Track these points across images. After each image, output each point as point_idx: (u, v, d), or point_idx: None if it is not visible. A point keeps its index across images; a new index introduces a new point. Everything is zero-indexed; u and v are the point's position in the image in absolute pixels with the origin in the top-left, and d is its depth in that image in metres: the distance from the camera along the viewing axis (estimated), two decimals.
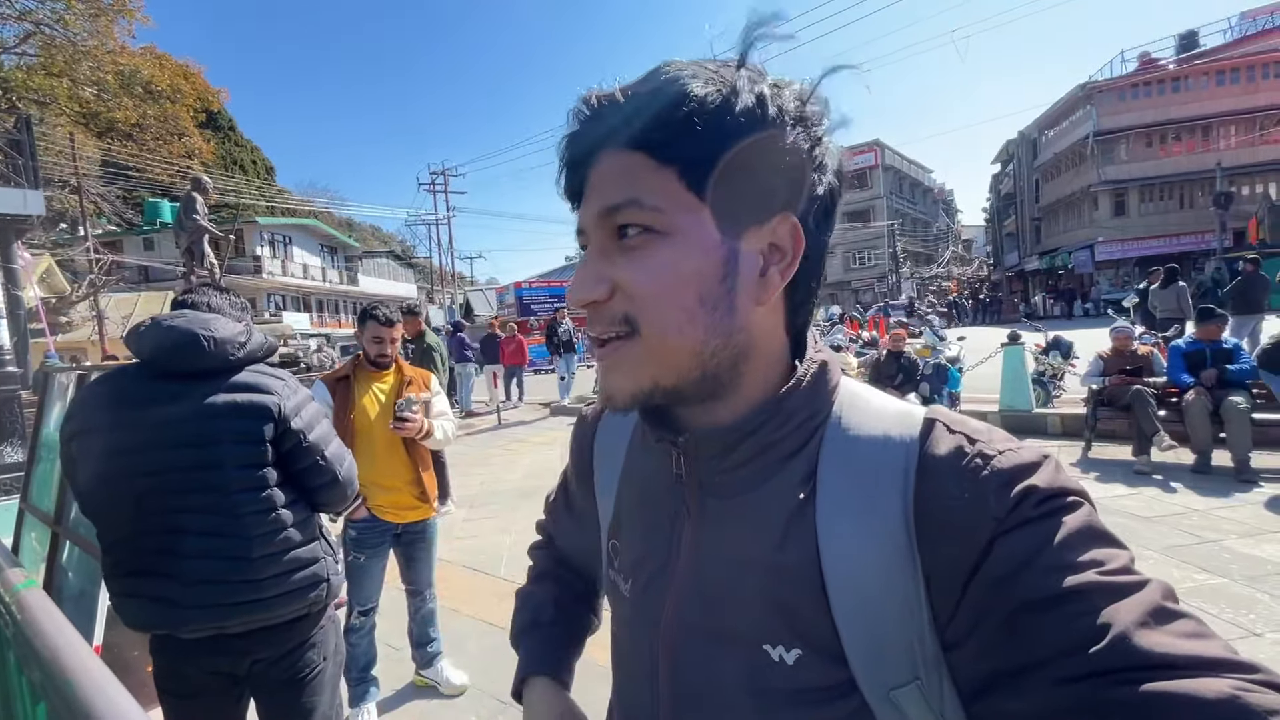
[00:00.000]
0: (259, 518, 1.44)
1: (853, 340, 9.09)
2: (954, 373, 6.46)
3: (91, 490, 1.43)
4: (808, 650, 0.44)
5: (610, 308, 0.46)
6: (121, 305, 19.09)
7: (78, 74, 16.07)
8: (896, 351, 6.46)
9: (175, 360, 1.42)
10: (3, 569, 1.17)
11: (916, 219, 49.88)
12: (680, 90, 0.43)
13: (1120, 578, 0.38)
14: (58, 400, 3.51)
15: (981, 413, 6.74)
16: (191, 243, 9.53)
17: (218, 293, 1.60)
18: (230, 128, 38.44)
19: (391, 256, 45.19)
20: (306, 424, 1.52)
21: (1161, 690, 0.33)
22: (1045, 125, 32.89)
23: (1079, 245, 29.21)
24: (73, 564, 2.90)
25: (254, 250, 28.81)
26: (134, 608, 1.43)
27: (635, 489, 0.59)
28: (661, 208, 0.44)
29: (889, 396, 0.52)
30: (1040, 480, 0.41)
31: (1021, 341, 6.65)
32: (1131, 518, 3.94)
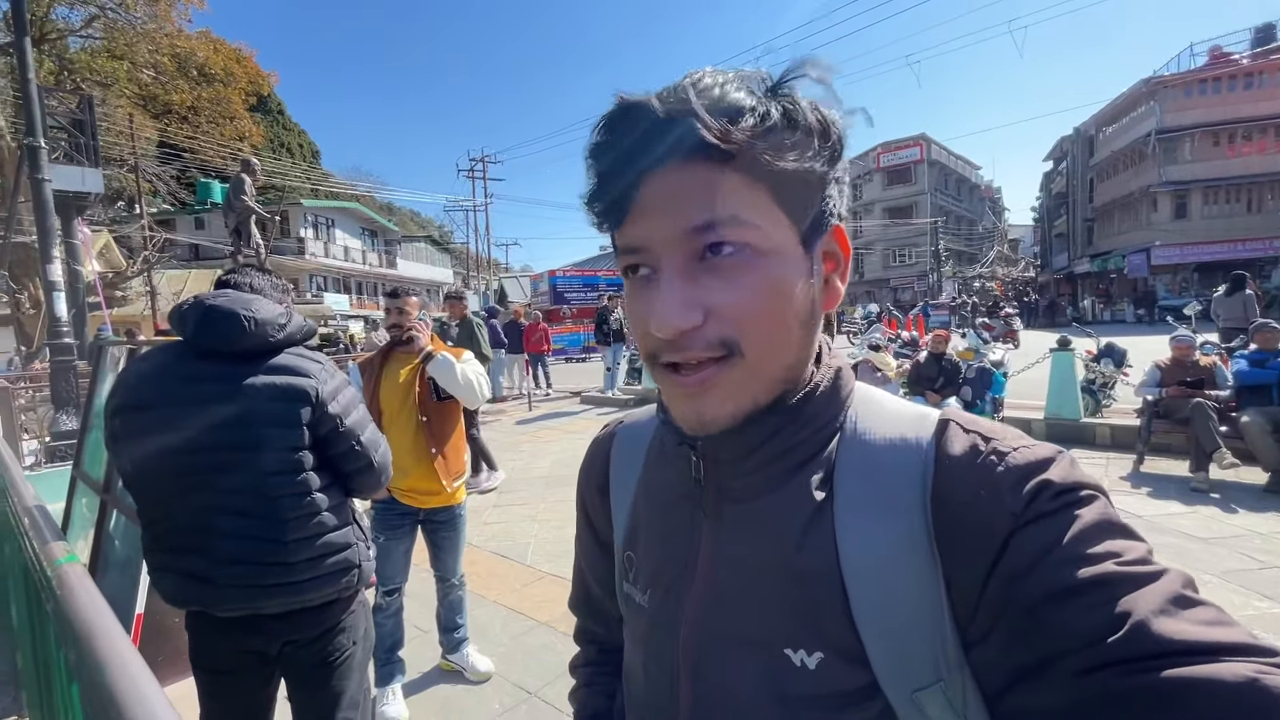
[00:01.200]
0: (294, 501, 1.45)
1: (892, 340, 8.85)
2: (998, 377, 6.23)
3: (132, 466, 1.45)
4: (830, 654, 0.44)
5: (704, 332, 0.43)
6: (173, 281, 19.84)
7: (137, 56, 16.62)
8: (938, 353, 6.26)
9: (216, 339, 1.42)
10: (47, 541, 1.18)
11: (961, 216, 48.44)
12: (753, 106, 0.42)
13: (1138, 568, 0.37)
14: (109, 372, 3.63)
15: (1026, 420, 6.51)
16: (239, 223, 9.80)
17: (260, 274, 1.61)
18: (279, 111, 39.42)
19: (429, 241, 45.87)
20: (343, 408, 1.52)
21: (1182, 676, 0.33)
22: (1104, 121, 31.46)
23: (1134, 248, 27.95)
24: (119, 531, 3.00)
25: (298, 232, 29.56)
26: (170, 583, 1.45)
27: (652, 498, 0.59)
28: (760, 225, 0.43)
29: (903, 400, 0.53)
30: (1055, 475, 0.41)
31: (1072, 347, 6.38)
32: (1187, 538, 3.74)
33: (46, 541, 1.18)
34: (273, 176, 29.37)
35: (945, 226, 41.64)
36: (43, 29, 14.35)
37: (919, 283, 41.75)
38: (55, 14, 15.05)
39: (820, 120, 0.44)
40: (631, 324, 0.48)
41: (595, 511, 0.67)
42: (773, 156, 0.42)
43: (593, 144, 0.45)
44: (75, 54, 16.91)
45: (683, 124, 0.41)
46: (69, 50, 16.66)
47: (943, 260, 38.74)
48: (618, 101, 0.44)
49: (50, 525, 1.30)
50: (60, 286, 6.17)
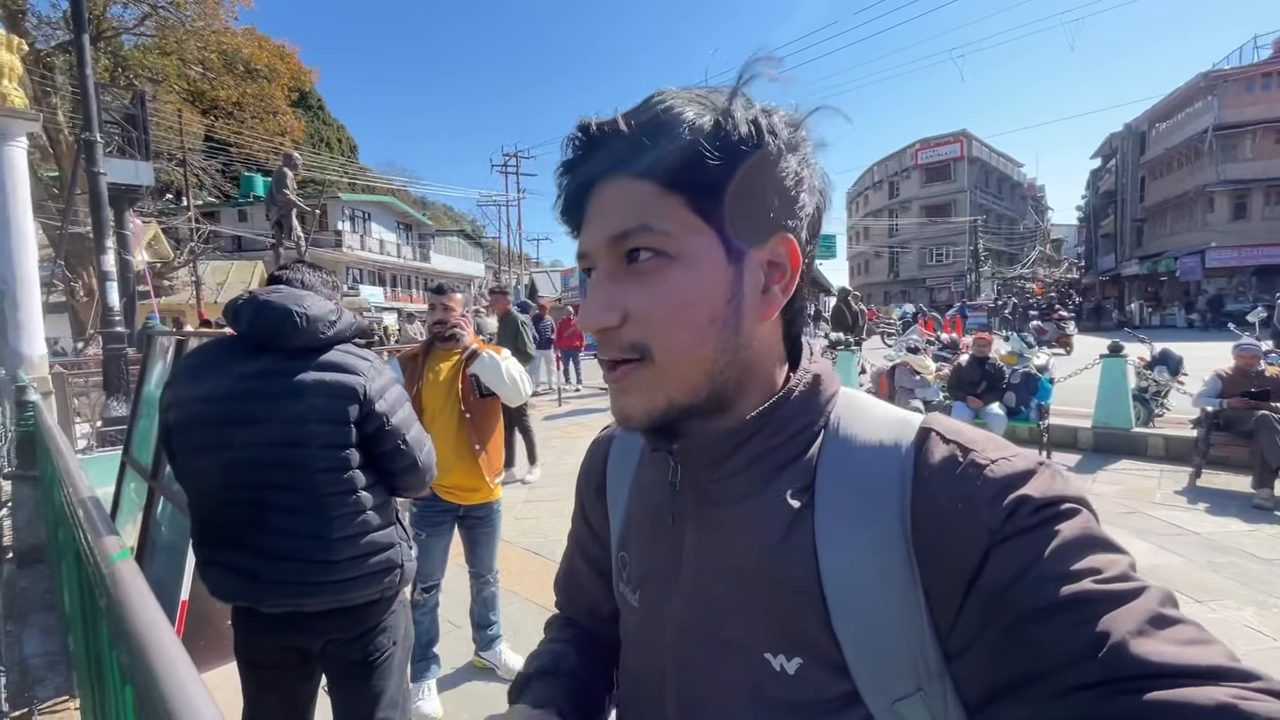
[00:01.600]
0: (339, 499, 1.44)
1: (930, 342, 8.61)
2: (1044, 383, 6.00)
3: (184, 459, 1.46)
4: (809, 660, 0.44)
5: (622, 334, 0.46)
6: (216, 272, 20.44)
7: (186, 53, 17.12)
8: (981, 357, 6.06)
9: (269, 335, 1.42)
10: (100, 535, 1.19)
11: (1002, 215, 47.10)
12: (681, 118, 0.44)
13: (1118, 585, 0.37)
14: (158, 360, 3.72)
15: (1072, 428, 6.27)
16: (281, 216, 10.02)
17: (310, 269, 1.61)
18: (320, 107, 40.30)
19: (462, 236, 46.45)
20: (390, 407, 1.51)
21: (1160, 699, 0.32)
22: (1157, 117, 30.16)
23: (1187, 250, 26.77)
24: (165, 518, 3.07)
25: (336, 225, 30.20)
26: (217, 577, 1.46)
27: (642, 500, 0.60)
28: (671, 232, 0.45)
29: (889, 405, 0.52)
30: (1034, 489, 0.41)
31: (1124, 353, 6.12)
32: (1249, 558, 3.54)
33: (100, 535, 1.18)
34: (312, 171, 30.04)
35: (985, 225, 40.51)
36: (99, 27, 14.88)
37: (956, 283, 40.72)
38: (110, 12, 15.58)
39: (753, 129, 0.45)
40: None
41: (593, 510, 0.68)
42: (687, 171, 0.44)
43: (563, 162, 0.50)
44: (129, 51, 17.49)
45: (611, 143, 0.46)
46: (123, 48, 17.24)
47: (982, 260, 37.68)
48: (580, 123, 0.48)
49: (103, 518, 1.31)
50: (113, 276, 6.37)
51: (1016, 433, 6.36)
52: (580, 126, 0.48)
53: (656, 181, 0.44)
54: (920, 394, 6.36)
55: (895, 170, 47.75)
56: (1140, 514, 4.41)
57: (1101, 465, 5.64)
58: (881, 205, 49.15)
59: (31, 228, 5.93)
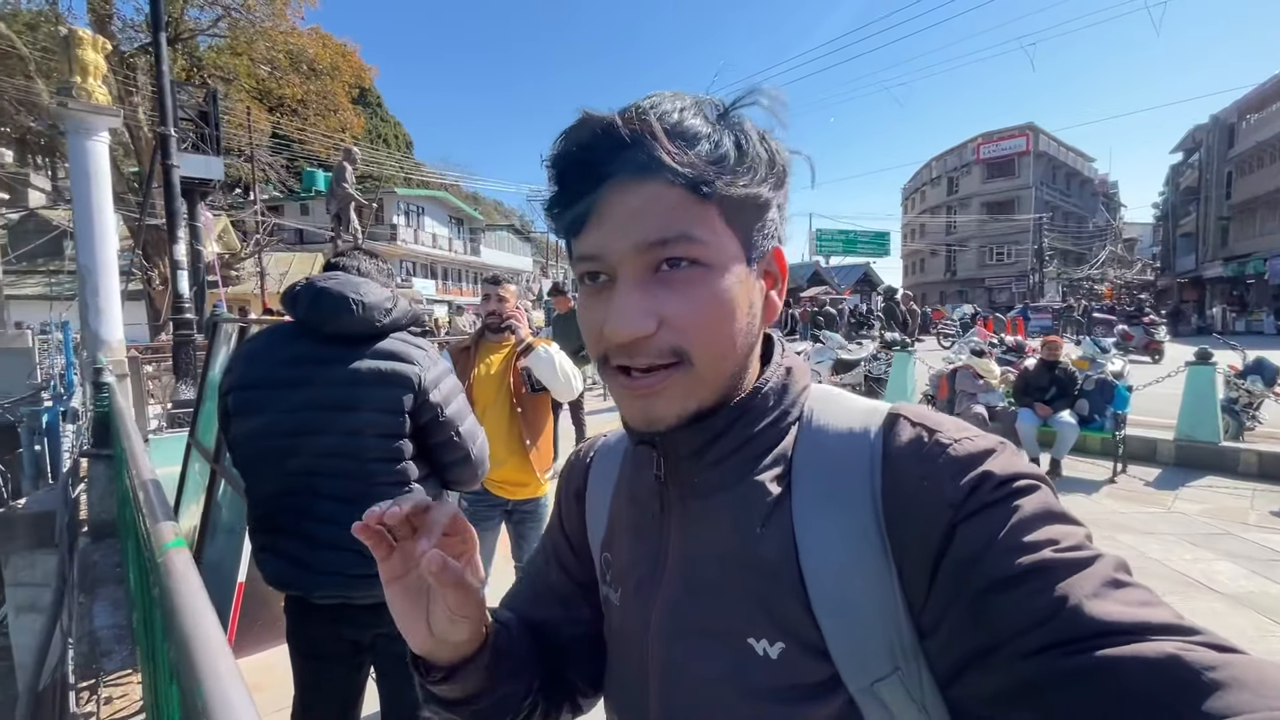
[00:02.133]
0: (391, 490, 1.42)
1: (993, 344, 8.19)
2: (1121, 390, 5.60)
3: (241, 445, 1.46)
4: (791, 644, 0.45)
5: (657, 340, 0.46)
6: (280, 263, 21.34)
7: (255, 53, 17.86)
8: (1051, 361, 5.70)
9: (326, 322, 1.41)
10: (158, 520, 1.18)
11: (1070, 213, 44.74)
12: (716, 133, 0.46)
13: (1074, 554, 0.39)
14: (222, 346, 3.84)
15: (1152, 440, 5.85)
16: (340, 209, 10.34)
17: (367, 257, 1.60)
18: (378, 104, 41.55)
19: (511, 230, 47.15)
20: (444, 397, 1.47)
21: (1112, 655, 0.34)
22: (1248, 109, 28.00)
23: (1278, 252, 24.81)
24: (226, 500, 3.16)
25: (391, 219, 31.09)
26: (271, 564, 1.45)
27: (625, 498, 0.61)
28: (708, 241, 0.45)
29: (858, 396, 0.54)
30: (995, 466, 0.43)
31: (1213, 361, 5.66)
32: None
33: (158, 520, 1.17)
34: (370, 166, 31.00)
35: (1051, 223, 38.55)
36: (177, 29, 15.68)
37: (1017, 283, 38.94)
38: (188, 14, 16.39)
39: (767, 150, 0.48)
40: (584, 326, 0.50)
41: (570, 516, 0.68)
42: (724, 182, 0.45)
43: (556, 154, 0.48)
44: (204, 52, 18.38)
45: (644, 145, 0.44)
46: (199, 49, 18.13)
47: (1046, 260, 35.89)
48: (582, 117, 0.47)
49: (162, 502, 1.30)
50: (184, 265, 6.67)
51: (1089, 443, 5.98)
52: (590, 122, 0.46)
53: (693, 190, 0.44)
54: (983, 399, 6.04)
55: (955, 165, 45.89)
56: (1231, 535, 4.06)
57: (1185, 481, 5.24)
58: (939, 202, 47.35)
59: (112, 218, 6.26)
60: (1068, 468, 5.56)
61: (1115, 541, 4.09)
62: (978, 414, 5.76)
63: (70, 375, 7.58)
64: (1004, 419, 5.71)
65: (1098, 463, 5.82)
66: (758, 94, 0.49)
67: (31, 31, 15.74)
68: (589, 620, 0.64)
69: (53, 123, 6.53)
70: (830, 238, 37.33)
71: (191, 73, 16.81)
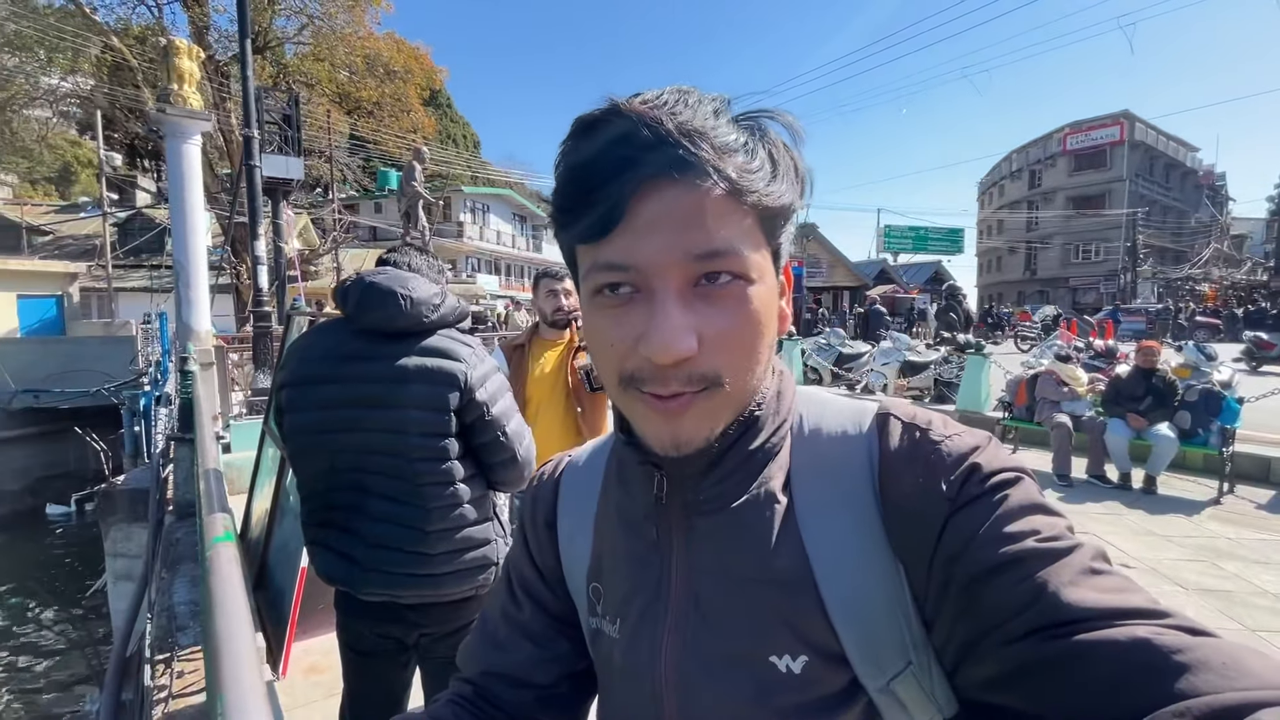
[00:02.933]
0: (437, 490, 1.40)
1: (1079, 349, 7.61)
2: (1230, 403, 5.07)
3: (293, 439, 1.47)
4: (813, 656, 0.45)
5: (697, 363, 0.42)
6: (354, 260, 22.38)
7: (335, 58, 18.84)
8: (1148, 369, 5.23)
9: (374, 317, 1.40)
10: (213, 510, 1.19)
11: (1169, 207, 41.31)
12: (752, 140, 0.44)
13: (1055, 543, 0.40)
14: (294, 338, 4.02)
15: (1265, 459, 5.28)
16: (409, 206, 10.71)
17: (418, 253, 1.59)
18: (448, 105, 42.96)
19: None
20: (490, 396, 1.44)
21: (1087, 639, 0.35)
22: None
23: None
24: (293, 486, 3.27)
25: (458, 216, 32.06)
26: (321, 558, 1.46)
27: (613, 524, 0.56)
28: (752, 255, 0.43)
29: (842, 396, 0.54)
30: (982, 460, 0.44)
31: None
32: None
33: (213, 510, 1.19)
34: (439, 165, 32.06)
35: (1146, 219, 35.69)
36: (265, 38, 16.66)
37: (1106, 283, 36.31)
38: (275, 24, 17.40)
39: (793, 159, 0.46)
40: (603, 343, 0.45)
41: (541, 548, 0.63)
42: (765, 191, 0.43)
43: (578, 146, 0.43)
44: (289, 60, 19.49)
45: (689, 145, 0.40)
46: (284, 56, 19.23)
47: (1140, 258, 33.25)
48: (614, 106, 0.42)
49: (219, 493, 1.33)
50: (264, 260, 7.06)
51: (1189, 459, 5.46)
52: (633, 113, 0.41)
53: (738, 198, 0.42)
54: (1067, 407, 5.61)
55: (1038, 158, 43.17)
56: None
57: None
58: (1020, 196, 44.67)
59: (204, 216, 6.69)
60: (1165, 485, 5.09)
61: (1218, 569, 3.70)
62: (1061, 423, 5.35)
63: (165, 362, 8.17)
64: (1091, 429, 5.28)
65: (1200, 481, 5.31)
66: (775, 111, 0.47)
67: (140, 44, 17.11)
68: (567, 656, 0.60)
69: (154, 128, 7.05)
70: (899, 234, 35.85)
71: (278, 79, 17.84)
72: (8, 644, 8.26)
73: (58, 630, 8.62)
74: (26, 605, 9.33)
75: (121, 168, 22.59)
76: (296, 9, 17.59)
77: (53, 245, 22.48)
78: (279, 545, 3.14)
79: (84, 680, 7.24)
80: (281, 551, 3.04)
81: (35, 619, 8.95)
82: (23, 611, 9.17)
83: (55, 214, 25.92)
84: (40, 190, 30.10)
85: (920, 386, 8.75)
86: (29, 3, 17.37)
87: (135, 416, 8.29)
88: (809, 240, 29.85)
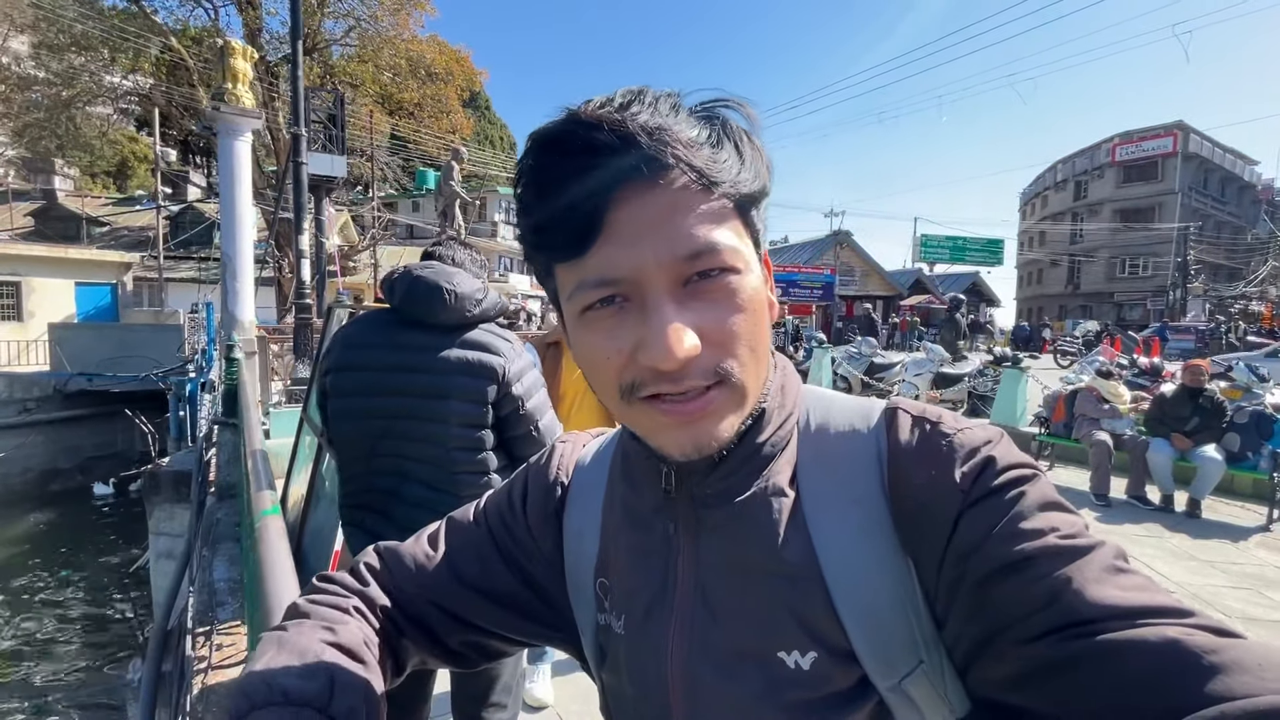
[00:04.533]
0: (471, 479, 1.44)
1: (1122, 366, 7.37)
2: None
3: (336, 424, 1.53)
4: (821, 652, 0.44)
5: (703, 360, 0.42)
6: (391, 256, 22.87)
7: (380, 60, 19.36)
8: (1195, 388, 5.04)
9: (419, 309, 1.45)
10: (261, 488, 1.25)
11: (1224, 222, 39.65)
12: (709, 126, 0.43)
13: (1075, 541, 0.39)
14: (335, 330, 4.15)
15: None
16: (446, 205, 10.93)
17: (462, 247, 1.64)
18: (486, 106, 43.71)
19: None
20: (525, 391, 1.48)
21: (1112, 639, 0.34)
22: None
23: None
24: (329, 472, 3.38)
25: (493, 216, 32.55)
26: (356, 539, 1.51)
27: (619, 518, 0.55)
28: (736, 246, 0.43)
29: (847, 394, 0.54)
30: (997, 454, 0.43)
31: None
32: None
33: (260, 488, 1.25)
34: (476, 166, 32.58)
35: (1200, 233, 34.32)
36: (314, 40, 17.18)
37: (1154, 299, 35.00)
38: (324, 26, 17.93)
39: (754, 144, 0.45)
40: (599, 356, 0.43)
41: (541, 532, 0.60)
42: (738, 179, 0.43)
43: (539, 161, 0.42)
44: (335, 61, 20.06)
45: (656, 145, 0.39)
46: (331, 58, 19.80)
47: (1192, 274, 31.99)
48: (571, 114, 0.41)
49: (266, 471, 1.40)
50: (306, 254, 7.28)
51: (1237, 484, 5.25)
52: (593, 118, 0.40)
53: (719, 192, 0.41)
54: (1107, 425, 5.43)
55: (1084, 168, 41.85)
56: None
57: None
58: (1064, 208, 43.37)
59: (251, 211, 6.94)
60: (1210, 510, 4.90)
61: (1266, 598, 3.55)
62: (1101, 440, 5.19)
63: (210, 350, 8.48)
64: (1133, 448, 5.11)
65: (1249, 507, 5.09)
66: (729, 99, 0.46)
67: (197, 45, 17.82)
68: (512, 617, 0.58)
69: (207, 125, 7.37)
70: (936, 244, 35.10)
71: (324, 79, 18.37)
72: (55, 614, 8.66)
73: (102, 603, 9.01)
74: (73, 578, 9.78)
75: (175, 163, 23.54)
76: (344, 12, 18.12)
77: (109, 236, 23.55)
78: (314, 529, 3.24)
79: (126, 651, 7.56)
80: (316, 535, 3.14)
81: (82, 591, 9.37)
82: (70, 584, 9.61)
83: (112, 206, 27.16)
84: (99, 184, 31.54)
85: (953, 399, 8.57)
86: (96, 4, 18.25)
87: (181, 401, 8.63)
88: (842, 248, 29.48)
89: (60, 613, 8.72)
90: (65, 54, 17.43)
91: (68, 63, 17.54)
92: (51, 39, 17.37)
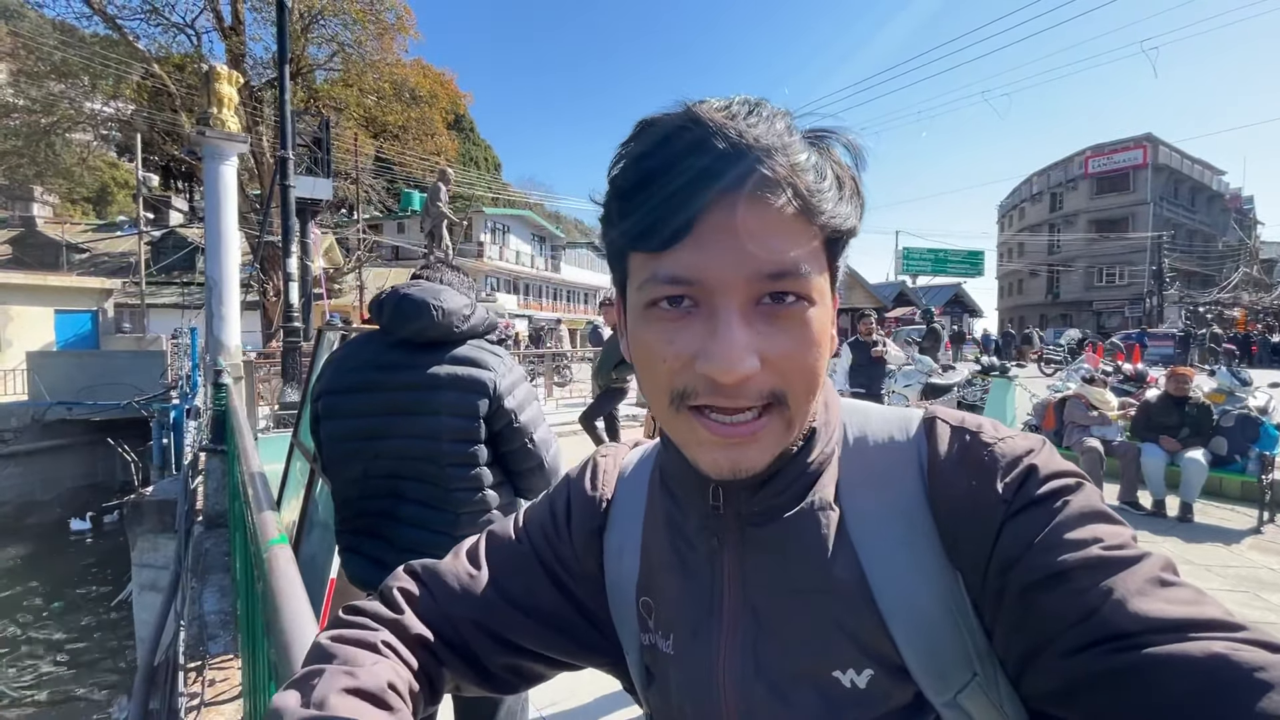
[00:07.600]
0: (466, 495, 1.44)
1: (1107, 373, 7.47)
2: (1270, 429, 4.94)
3: (328, 447, 1.51)
4: (877, 669, 0.44)
5: (759, 381, 0.41)
6: (377, 278, 22.78)
7: (364, 84, 19.44)
8: (1180, 396, 5.12)
9: (407, 327, 1.45)
10: (263, 510, 1.22)
11: (1195, 231, 40.66)
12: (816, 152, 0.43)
13: (1121, 552, 0.38)
14: (325, 353, 4.10)
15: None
16: (433, 226, 10.93)
17: (450, 269, 1.66)
18: (470, 129, 43.96)
19: (591, 248, 48.19)
20: (518, 404, 1.48)
21: (1159, 653, 0.33)
22: None
23: None
24: (322, 498, 3.32)
25: (478, 236, 32.58)
26: (355, 564, 1.49)
27: (661, 536, 0.54)
28: (815, 276, 0.42)
29: (880, 405, 0.53)
30: (1039, 462, 0.43)
31: None
32: None
33: (263, 511, 1.22)
34: (461, 187, 32.68)
35: (1172, 242, 35.15)
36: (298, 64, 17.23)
37: (1131, 307, 35.70)
38: (308, 51, 18.00)
39: (854, 180, 0.45)
40: (654, 357, 0.43)
41: (583, 551, 0.58)
42: (834, 211, 0.42)
43: (648, 151, 0.41)
44: (319, 85, 20.11)
45: (765, 159, 0.39)
46: (315, 82, 19.85)
47: (1167, 282, 32.70)
48: (688, 112, 0.41)
49: (268, 496, 1.36)
50: (294, 277, 7.22)
51: (1226, 487, 5.31)
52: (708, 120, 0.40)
53: (809, 218, 0.41)
54: (1097, 432, 5.49)
55: (1059, 181, 42.82)
56: None
57: None
58: (1041, 220, 44.26)
59: (236, 236, 6.88)
60: (1201, 513, 4.95)
61: (1261, 600, 3.58)
62: (1092, 448, 5.24)
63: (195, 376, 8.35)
64: (1124, 454, 5.16)
65: (1239, 509, 5.15)
66: (840, 130, 0.45)
67: (179, 71, 17.79)
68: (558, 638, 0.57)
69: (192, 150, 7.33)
70: (918, 256, 35.64)
71: (308, 103, 18.40)
72: (37, 651, 8.37)
73: (84, 639, 8.72)
74: (55, 613, 9.47)
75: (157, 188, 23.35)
76: (328, 37, 18.21)
77: (89, 262, 23.24)
78: (306, 557, 3.17)
79: (110, 688, 7.31)
80: (310, 564, 3.07)
81: (63, 627, 9.08)
82: (51, 620, 9.31)
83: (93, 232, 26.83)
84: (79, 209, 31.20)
85: None
86: (76, 32, 18.19)
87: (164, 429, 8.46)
88: None
89: (39, 650, 8.43)
90: (44, 81, 17.31)
91: (47, 90, 17.41)
92: (31, 67, 17.27)
